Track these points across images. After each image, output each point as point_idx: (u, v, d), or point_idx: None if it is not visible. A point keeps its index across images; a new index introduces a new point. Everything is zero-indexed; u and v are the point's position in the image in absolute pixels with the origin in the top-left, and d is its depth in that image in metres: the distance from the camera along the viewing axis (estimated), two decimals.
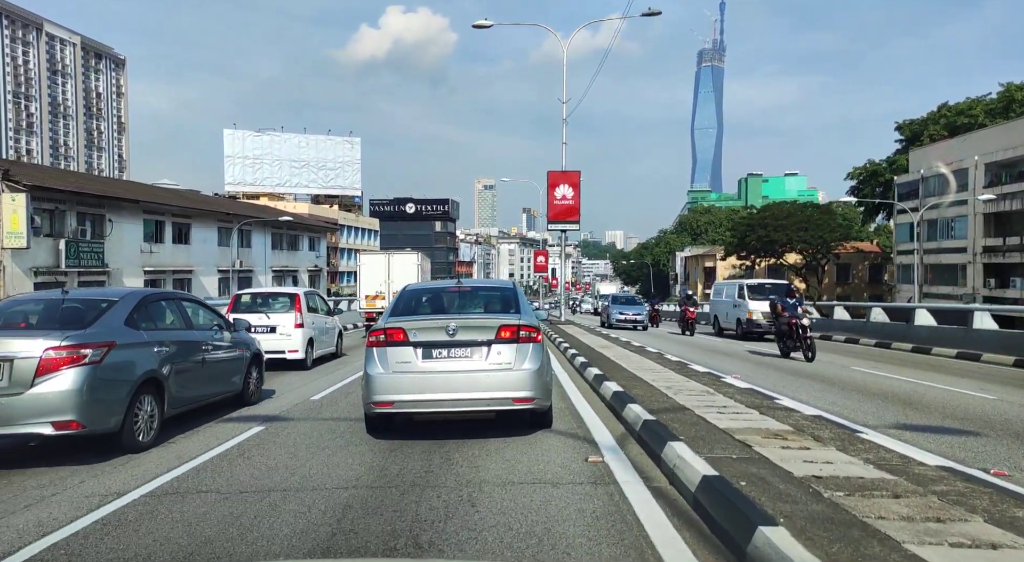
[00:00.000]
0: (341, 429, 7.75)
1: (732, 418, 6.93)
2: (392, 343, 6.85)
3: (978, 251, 49.12)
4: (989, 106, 62.13)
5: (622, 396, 8.38)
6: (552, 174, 31.76)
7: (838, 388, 10.91)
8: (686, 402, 7.98)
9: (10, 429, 6.10)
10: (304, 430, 7.79)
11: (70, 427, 6.12)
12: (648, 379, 10.29)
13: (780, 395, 9.36)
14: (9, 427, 6.07)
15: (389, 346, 6.85)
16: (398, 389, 6.74)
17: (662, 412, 7.28)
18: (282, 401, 9.95)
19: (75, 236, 34.67)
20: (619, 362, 13.19)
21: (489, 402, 6.82)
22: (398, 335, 6.86)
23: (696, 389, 9.17)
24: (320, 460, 6.33)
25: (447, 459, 6.30)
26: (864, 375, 13.05)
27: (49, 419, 6.05)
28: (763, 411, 7.36)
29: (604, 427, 7.60)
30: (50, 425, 6.06)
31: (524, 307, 7.53)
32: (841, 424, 7.21)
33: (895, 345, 20.76)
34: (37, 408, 6.04)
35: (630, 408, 7.49)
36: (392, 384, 6.74)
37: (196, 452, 6.74)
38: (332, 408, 9.29)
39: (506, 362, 6.82)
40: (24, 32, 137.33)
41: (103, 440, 6.55)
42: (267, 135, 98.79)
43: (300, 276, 59.46)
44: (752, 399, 8.28)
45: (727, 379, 10.61)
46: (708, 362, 14.91)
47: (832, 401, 9.49)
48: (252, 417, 8.66)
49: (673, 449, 5.46)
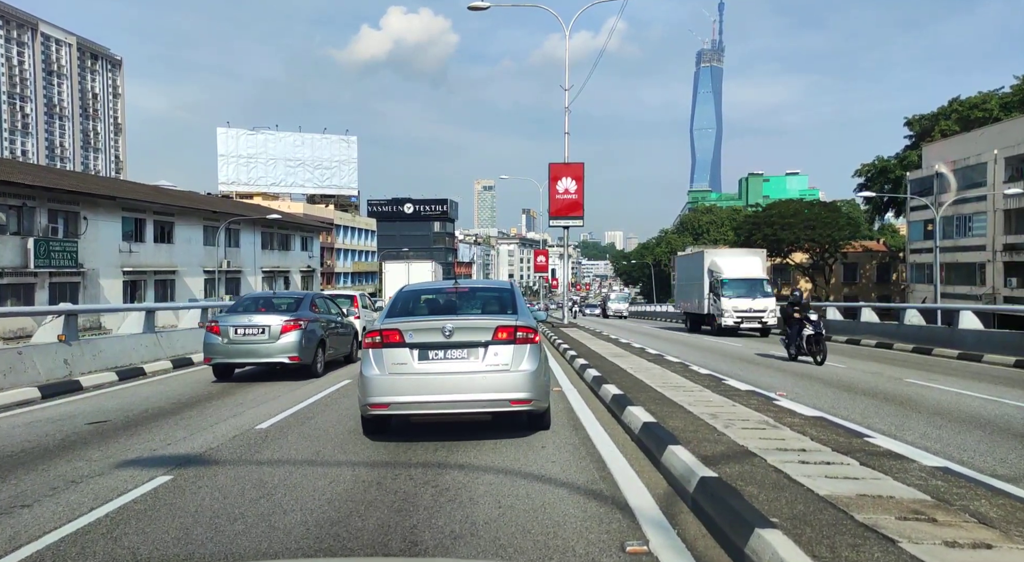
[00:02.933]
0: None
1: (828, 475, 4.82)
2: (388, 344, 6.78)
3: (998, 249, 46.99)
4: (1004, 100, 60.08)
5: (657, 432, 6.28)
6: (554, 166, 29.62)
7: (926, 414, 8.76)
8: (748, 442, 5.87)
9: (271, 359, 12.19)
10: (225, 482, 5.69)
11: (295, 360, 12.20)
12: (683, 402, 8.18)
13: (868, 430, 7.22)
14: (270, 358, 12.18)
15: (385, 347, 6.79)
16: (394, 391, 6.69)
17: (720, 461, 5.18)
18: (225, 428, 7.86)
19: (45, 234, 32.52)
20: (638, 375, 11.09)
21: (486, 404, 6.73)
22: (394, 336, 6.79)
23: (750, 418, 7.06)
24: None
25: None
26: (938, 393, 10.94)
27: (287, 355, 12.15)
28: (865, 460, 5.25)
29: (637, 478, 5.51)
30: (287, 358, 12.16)
31: (521, 308, 7.42)
32: (999, 488, 4.97)
33: (936, 351, 18.66)
34: (281, 350, 12.13)
35: (674, 453, 5.39)
36: (388, 386, 6.69)
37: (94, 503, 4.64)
38: (278, 445, 7.18)
39: (503, 363, 6.73)
40: (19, 32, 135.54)
41: (303, 370, 12.53)
42: (262, 133, 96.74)
43: (292, 277, 57.30)
44: (834, 436, 6.17)
45: (780, 401, 8.49)
46: (728, 369, 12.84)
47: (941, 438, 7.20)
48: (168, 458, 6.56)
49: (768, 544, 3.37)
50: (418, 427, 7.81)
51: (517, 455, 6.40)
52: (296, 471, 5.95)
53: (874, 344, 21.66)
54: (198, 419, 8.62)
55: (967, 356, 17.25)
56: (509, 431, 7.47)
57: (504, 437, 7.21)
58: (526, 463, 6.10)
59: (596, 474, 5.69)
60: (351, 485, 5.52)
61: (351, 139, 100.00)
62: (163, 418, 8.74)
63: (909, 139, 70.16)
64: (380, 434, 7.27)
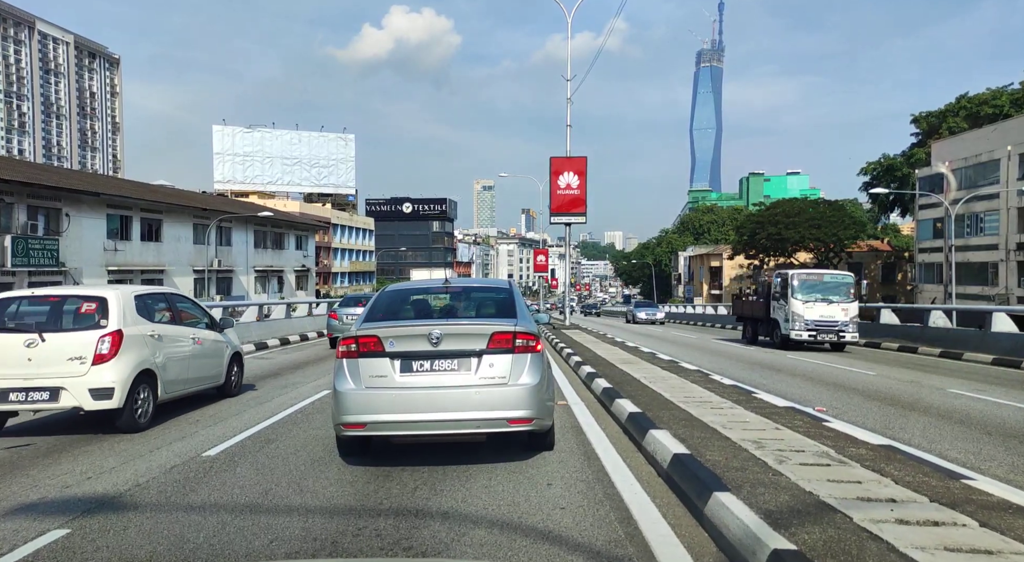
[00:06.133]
0: None
1: (948, 546, 3.48)
2: (365, 354, 5.80)
3: (1011, 248, 45.64)
4: (1015, 96, 58.72)
5: (694, 469, 4.94)
6: (555, 160, 28.25)
7: (999, 436, 7.40)
8: (815, 486, 4.53)
9: None
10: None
11: None
12: (715, 424, 6.84)
13: (951, 464, 5.87)
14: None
15: (361, 357, 5.80)
16: (372, 408, 5.68)
17: (790, 521, 3.85)
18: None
19: (24, 231, 31.17)
20: (654, 387, 9.76)
21: (480, 423, 5.70)
22: (372, 344, 5.81)
23: (805, 449, 5.72)
24: None
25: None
26: (994, 407, 9.62)
27: None
28: (983, 518, 3.91)
29: (673, 535, 4.17)
30: None
31: (522, 311, 6.42)
32: None
33: (967, 355, 17.35)
34: None
35: (724, 506, 4.06)
36: (365, 402, 5.68)
37: None
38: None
39: (500, 376, 5.78)
40: (16, 30, 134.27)
41: None
42: (258, 131, 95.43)
43: (286, 276, 55.95)
44: (921, 477, 4.82)
45: (830, 422, 7.12)
46: (748, 377, 11.52)
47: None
48: None
49: None
50: (396, 450, 6.54)
51: (516, 496, 5.08)
52: (233, 522, 4.62)
53: (896, 347, 20.37)
54: (140, 441, 7.29)
55: (1003, 362, 15.96)
56: (506, 456, 6.17)
57: (500, 464, 5.90)
58: (528, 509, 4.78)
59: (620, 529, 4.35)
60: (299, 545, 4.19)
61: (348, 137, 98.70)
62: (99, 440, 7.39)
63: (916, 136, 68.87)
64: (358, 456, 6.29)
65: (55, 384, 7.49)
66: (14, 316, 7.95)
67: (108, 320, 7.83)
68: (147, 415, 8.07)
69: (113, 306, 7.96)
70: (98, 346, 7.65)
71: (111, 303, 7.97)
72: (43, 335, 7.63)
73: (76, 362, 7.58)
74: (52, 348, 7.60)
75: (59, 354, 7.59)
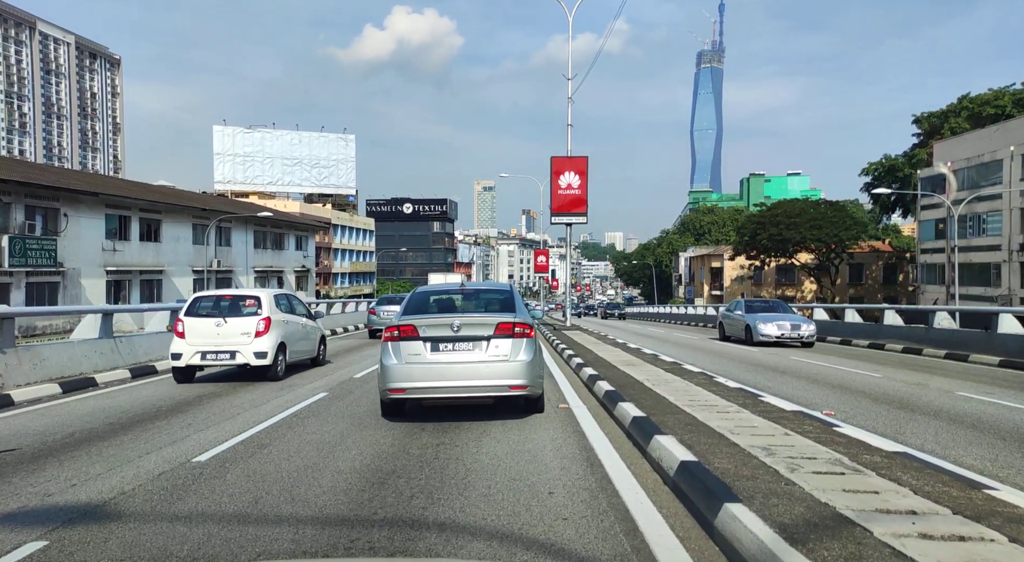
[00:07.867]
0: None
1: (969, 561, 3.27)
2: (405, 338, 7.67)
3: (1015, 249, 45.39)
4: (1018, 96, 58.43)
5: (703, 478, 4.73)
6: (556, 160, 28.03)
7: (1015, 442, 7.15)
8: (831, 497, 4.31)
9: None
10: None
11: None
12: (721, 429, 6.62)
13: (968, 471, 5.61)
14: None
15: (402, 340, 7.67)
16: (410, 378, 7.57)
17: (807, 535, 3.63)
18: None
19: (22, 231, 30.97)
20: (657, 389, 9.54)
21: (488, 389, 7.61)
22: (410, 331, 7.67)
23: (818, 456, 5.50)
24: None
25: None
26: (1008, 412, 9.40)
27: None
28: (1012, 532, 3.70)
29: (681, 549, 3.96)
30: None
31: (519, 307, 8.40)
32: None
33: (973, 358, 17.12)
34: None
35: (736, 518, 3.84)
36: (405, 373, 7.59)
37: None
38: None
39: (503, 354, 7.63)
40: (17, 31, 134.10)
41: None
42: (258, 132, 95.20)
43: (286, 277, 55.73)
44: (940, 486, 4.60)
45: (841, 428, 6.89)
46: (752, 379, 11.29)
47: None
48: None
49: None
50: (395, 450, 6.35)
51: (516, 506, 4.86)
52: (219, 533, 4.40)
53: (900, 349, 20.13)
54: (128, 447, 7.07)
55: (1011, 364, 15.72)
56: (506, 463, 5.95)
57: (500, 471, 5.67)
58: (529, 519, 4.56)
59: (626, 542, 4.13)
60: (289, 559, 3.98)
61: (349, 137, 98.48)
62: (86, 445, 7.18)
63: (917, 137, 68.55)
64: (398, 416, 8.16)
65: (233, 349, 11.76)
66: (207, 307, 12.29)
67: (262, 310, 12.15)
68: (283, 370, 12.36)
69: (264, 301, 12.33)
70: (257, 326, 11.94)
71: (263, 299, 12.36)
72: (226, 319, 11.93)
73: (245, 336, 11.82)
74: (231, 327, 11.88)
75: (235, 330, 11.85)
